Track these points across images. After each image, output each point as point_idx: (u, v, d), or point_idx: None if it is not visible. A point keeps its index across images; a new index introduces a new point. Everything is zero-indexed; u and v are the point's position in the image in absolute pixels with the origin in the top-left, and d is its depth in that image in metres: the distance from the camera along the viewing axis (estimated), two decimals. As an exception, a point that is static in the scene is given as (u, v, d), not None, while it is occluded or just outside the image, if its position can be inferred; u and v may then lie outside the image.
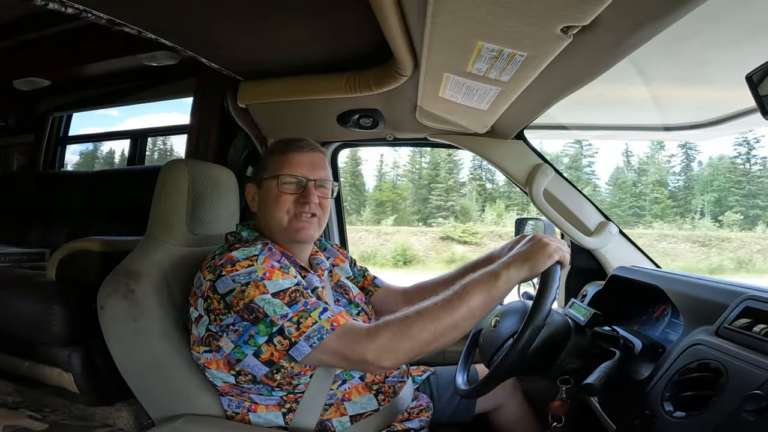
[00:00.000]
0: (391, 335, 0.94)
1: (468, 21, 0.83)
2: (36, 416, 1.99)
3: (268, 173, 1.17)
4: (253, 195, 1.22)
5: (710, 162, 22.32)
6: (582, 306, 1.16)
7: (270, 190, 1.16)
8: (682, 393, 0.88)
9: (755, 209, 19.96)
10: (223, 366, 1.04)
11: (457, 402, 1.39)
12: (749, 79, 0.82)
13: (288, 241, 1.17)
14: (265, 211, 1.17)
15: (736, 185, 20.76)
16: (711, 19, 1.00)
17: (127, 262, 1.19)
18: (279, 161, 1.17)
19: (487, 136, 1.68)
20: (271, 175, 1.16)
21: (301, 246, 1.21)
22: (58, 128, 3.55)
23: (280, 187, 1.14)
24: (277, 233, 1.17)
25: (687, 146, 21.37)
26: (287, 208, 1.15)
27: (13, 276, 2.08)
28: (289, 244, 1.18)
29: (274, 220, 1.15)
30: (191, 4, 1.19)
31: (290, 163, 1.16)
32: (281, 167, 1.16)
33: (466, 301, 0.95)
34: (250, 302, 0.96)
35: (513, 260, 1.00)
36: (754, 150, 20.62)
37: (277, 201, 1.14)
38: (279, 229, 1.16)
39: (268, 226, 1.18)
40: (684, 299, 1.12)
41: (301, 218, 1.15)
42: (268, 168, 1.18)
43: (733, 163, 21.31)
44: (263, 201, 1.18)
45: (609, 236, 1.62)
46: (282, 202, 1.14)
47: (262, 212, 1.19)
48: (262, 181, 1.19)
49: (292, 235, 1.16)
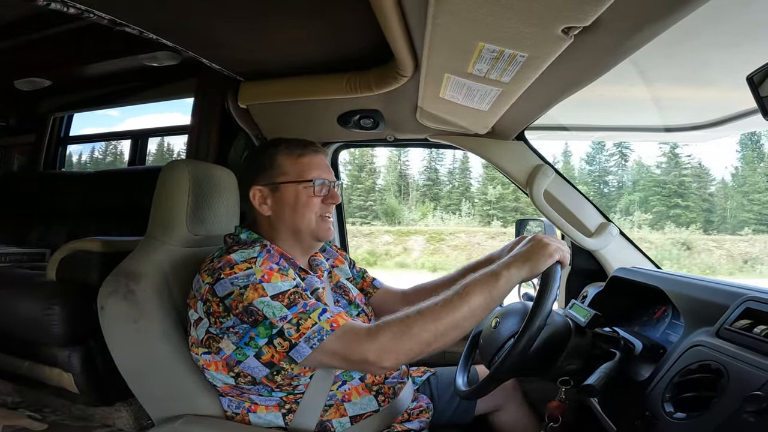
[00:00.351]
0: (391, 335, 0.94)
1: (469, 22, 0.83)
2: (36, 416, 1.99)
3: (288, 177, 1.16)
4: (263, 198, 1.18)
5: (637, 161, 23.60)
6: (582, 307, 1.16)
7: (297, 194, 1.16)
8: (683, 394, 0.88)
9: (676, 209, 21.03)
10: (222, 368, 1.03)
11: (457, 403, 1.39)
12: (750, 80, 0.82)
13: (313, 240, 1.20)
14: (292, 213, 1.16)
15: (659, 185, 21.84)
16: (712, 20, 1.00)
17: (127, 263, 1.19)
18: (299, 164, 1.18)
19: (488, 136, 1.68)
20: (295, 179, 1.16)
21: (316, 246, 1.23)
22: (59, 128, 3.55)
23: (315, 190, 1.16)
24: (304, 234, 1.18)
25: (622, 145, 22.01)
26: (315, 210, 1.17)
27: (14, 276, 2.08)
28: (310, 243, 1.21)
29: (304, 222, 1.16)
30: (192, 4, 1.19)
31: (314, 166, 1.18)
32: (306, 171, 1.17)
33: (467, 300, 0.95)
34: (249, 305, 0.95)
35: (513, 260, 1.00)
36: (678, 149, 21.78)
37: (308, 204, 1.16)
38: (307, 231, 1.17)
39: (290, 228, 1.17)
40: (684, 300, 1.12)
41: (327, 219, 1.19)
42: (284, 171, 1.17)
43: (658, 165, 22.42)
44: (283, 204, 1.17)
45: (609, 237, 1.62)
46: (313, 204, 1.16)
47: (282, 215, 1.17)
48: (280, 185, 1.17)
49: (320, 235, 1.18)
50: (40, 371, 1.94)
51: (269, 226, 1.19)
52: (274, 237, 1.18)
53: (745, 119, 1.49)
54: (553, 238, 1.04)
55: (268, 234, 1.18)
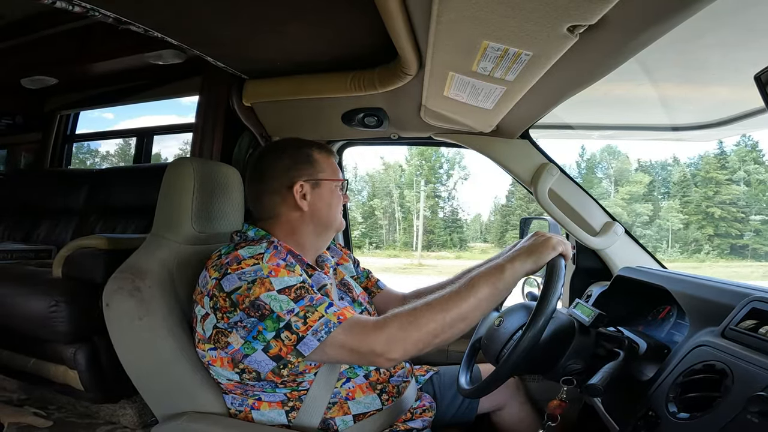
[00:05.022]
0: (399, 325, 0.95)
1: (473, 20, 0.82)
2: (41, 413, 2.00)
3: (326, 174, 1.21)
4: (304, 192, 1.18)
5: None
6: (586, 306, 1.16)
7: (332, 191, 1.22)
8: (687, 394, 0.87)
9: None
10: (227, 363, 1.04)
11: (460, 402, 1.39)
12: (758, 79, 0.81)
13: (332, 232, 1.26)
14: (328, 209, 1.21)
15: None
16: (719, 19, 0.99)
17: (132, 260, 1.19)
18: (329, 164, 1.23)
19: (492, 135, 1.68)
20: (331, 177, 1.22)
21: (329, 239, 1.28)
22: (65, 126, 3.57)
23: (343, 189, 1.25)
24: (332, 229, 1.24)
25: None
26: (339, 208, 1.25)
27: (20, 273, 2.09)
28: (329, 235, 1.26)
29: (337, 218, 1.24)
30: (197, 3, 1.19)
31: (334, 167, 1.24)
32: (335, 170, 1.23)
33: (474, 292, 0.96)
34: (256, 299, 0.96)
35: (518, 254, 1.01)
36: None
37: (339, 202, 1.24)
38: (334, 226, 1.24)
39: (323, 223, 1.21)
40: (690, 300, 1.11)
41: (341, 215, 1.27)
42: (323, 169, 1.21)
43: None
44: (322, 200, 1.20)
45: (614, 236, 1.61)
46: (340, 202, 1.25)
47: (319, 211, 1.20)
48: (321, 181, 1.20)
49: (340, 227, 1.26)
50: (46, 368, 1.96)
51: (296, 221, 1.19)
52: (293, 233, 1.19)
53: (752, 118, 1.48)
54: (554, 234, 1.05)
55: (285, 231, 1.19)
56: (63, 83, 3.09)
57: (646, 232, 22.11)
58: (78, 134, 3.69)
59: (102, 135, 4.24)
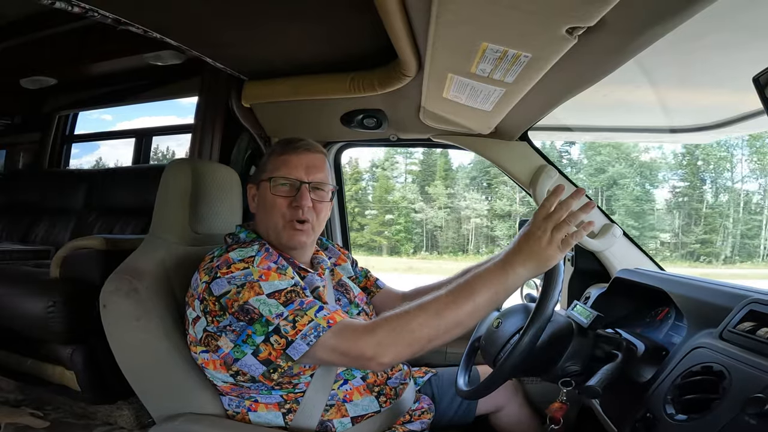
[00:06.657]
0: (390, 329, 0.93)
1: (472, 22, 0.82)
2: (38, 414, 2.00)
3: (265, 174, 1.16)
4: (252, 195, 1.21)
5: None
6: (585, 308, 1.16)
7: (266, 193, 1.15)
8: (685, 396, 0.87)
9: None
10: (221, 366, 1.03)
11: (459, 404, 1.39)
12: (756, 81, 0.81)
13: (282, 246, 1.15)
14: (264, 213, 1.16)
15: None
16: (718, 21, 0.99)
17: (130, 261, 1.19)
18: (276, 162, 1.15)
19: (491, 137, 1.68)
20: (267, 177, 1.15)
21: (296, 251, 1.19)
22: (64, 127, 3.57)
23: (272, 189, 1.13)
24: (273, 236, 1.15)
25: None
26: (282, 212, 1.13)
27: (17, 273, 2.09)
28: (284, 248, 1.16)
29: (271, 223, 1.14)
30: (196, 3, 1.19)
31: (286, 165, 1.14)
32: (277, 169, 1.14)
33: (473, 298, 0.92)
34: (245, 303, 0.95)
35: (521, 258, 0.95)
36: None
37: (273, 204, 1.13)
38: (275, 233, 1.14)
39: (265, 228, 1.16)
40: (688, 302, 1.11)
41: (294, 224, 1.13)
42: (266, 169, 1.17)
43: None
44: (261, 202, 1.17)
45: (612, 238, 1.61)
46: (277, 205, 1.13)
47: (260, 214, 1.18)
48: (260, 183, 1.17)
49: (286, 241, 1.14)
50: (43, 369, 1.95)
51: (259, 224, 1.19)
52: (264, 235, 1.17)
53: (751, 120, 1.48)
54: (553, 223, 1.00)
55: (261, 232, 1.18)
56: (62, 83, 3.09)
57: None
58: (77, 135, 3.69)
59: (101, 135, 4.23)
